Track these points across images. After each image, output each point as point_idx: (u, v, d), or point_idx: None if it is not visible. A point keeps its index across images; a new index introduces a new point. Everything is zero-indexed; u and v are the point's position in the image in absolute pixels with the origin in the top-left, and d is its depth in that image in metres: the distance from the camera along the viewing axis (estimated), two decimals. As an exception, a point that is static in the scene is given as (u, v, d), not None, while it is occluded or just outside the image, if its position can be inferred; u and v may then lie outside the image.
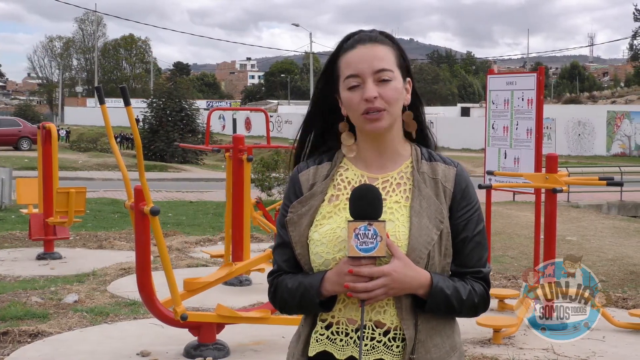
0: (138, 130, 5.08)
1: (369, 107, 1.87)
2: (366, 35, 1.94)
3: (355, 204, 1.82)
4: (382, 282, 1.79)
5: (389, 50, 1.92)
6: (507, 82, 7.78)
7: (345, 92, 1.92)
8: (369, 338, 1.87)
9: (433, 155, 1.99)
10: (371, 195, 1.82)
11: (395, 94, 1.89)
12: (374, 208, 1.81)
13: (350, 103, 1.91)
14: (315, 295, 1.86)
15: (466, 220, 1.93)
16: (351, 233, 1.79)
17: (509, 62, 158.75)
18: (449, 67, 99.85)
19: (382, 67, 1.89)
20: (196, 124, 34.74)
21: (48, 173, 9.05)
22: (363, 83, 1.88)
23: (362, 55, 1.90)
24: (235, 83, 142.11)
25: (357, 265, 1.79)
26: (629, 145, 38.90)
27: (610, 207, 17.07)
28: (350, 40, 1.95)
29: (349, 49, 1.93)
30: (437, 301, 1.85)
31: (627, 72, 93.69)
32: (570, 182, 6.64)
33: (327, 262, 1.88)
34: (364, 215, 1.80)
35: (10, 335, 5.74)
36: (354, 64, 1.90)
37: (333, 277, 1.84)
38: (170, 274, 5.02)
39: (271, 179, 15.38)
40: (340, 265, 1.83)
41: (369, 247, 1.78)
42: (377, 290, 1.80)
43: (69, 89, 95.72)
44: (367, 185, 1.86)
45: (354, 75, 1.89)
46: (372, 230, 1.78)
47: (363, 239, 1.78)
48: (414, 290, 1.84)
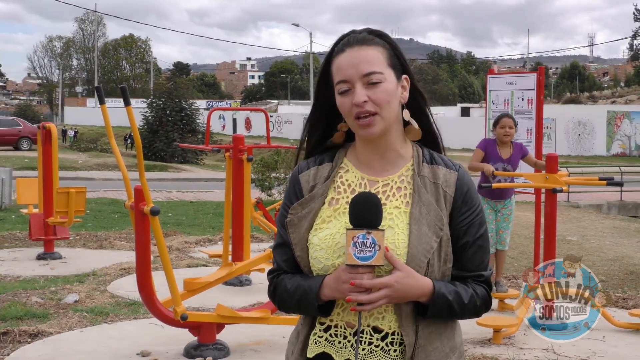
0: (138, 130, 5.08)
1: (359, 111, 1.86)
2: (354, 38, 1.92)
3: (354, 211, 1.81)
4: (384, 293, 1.79)
5: (378, 51, 1.90)
6: (507, 82, 7.79)
7: (338, 97, 1.91)
8: (367, 342, 1.86)
9: (434, 157, 1.97)
10: (371, 203, 1.80)
11: (385, 96, 1.87)
12: (373, 216, 1.80)
13: (343, 108, 1.90)
14: (314, 300, 1.86)
15: (467, 225, 1.91)
16: (349, 241, 1.78)
17: (509, 62, 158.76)
18: (449, 67, 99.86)
19: (369, 70, 1.87)
20: (196, 124, 34.74)
21: (48, 173, 9.05)
22: (352, 88, 1.87)
23: (349, 59, 1.88)
24: (235, 83, 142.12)
25: (354, 274, 1.78)
26: (629, 145, 38.91)
27: (610, 207, 17.06)
28: (340, 43, 1.93)
29: (339, 53, 1.91)
30: (439, 307, 1.85)
31: (627, 72, 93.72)
32: (570, 182, 6.64)
33: (326, 267, 1.87)
34: (362, 223, 1.79)
35: (10, 335, 5.74)
36: (342, 69, 1.89)
37: (331, 283, 1.84)
38: (170, 274, 5.02)
39: (271, 179, 15.38)
40: (339, 272, 1.82)
41: (367, 255, 1.77)
42: (380, 301, 1.80)
43: (69, 89, 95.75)
44: (367, 193, 1.85)
45: (343, 80, 1.89)
46: (371, 239, 1.77)
47: (361, 247, 1.77)
48: (415, 298, 1.84)
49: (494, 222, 7.09)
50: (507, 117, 6.97)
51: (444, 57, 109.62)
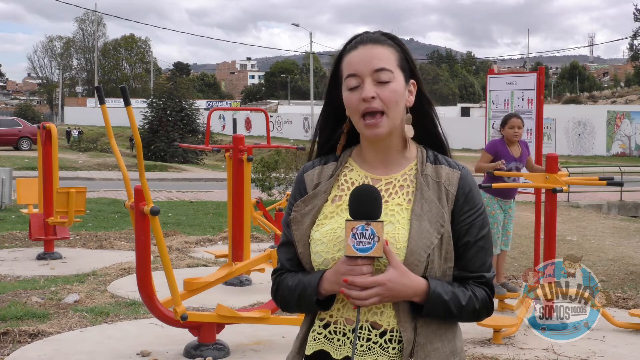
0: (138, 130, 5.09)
1: (367, 107, 1.86)
2: (368, 37, 1.94)
3: (353, 203, 1.81)
4: (376, 291, 1.79)
5: (390, 51, 1.92)
6: (507, 82, 7.78)
7: (345, 92, 1.92)
8: (365, 339, 1.86)
9: (438, 157, 1.98)
10: (370, 195, 1.81)
11: (394, 95, 1.88)
12: (372, 208, 1.80)
13: (350, 104, 1.90)
14: (313, 294, 1.87)
15: (469, 225, 1.91)
16: (349, 232, 1.78)
17: (508, 62, 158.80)
18: (449, 67, 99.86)
19: (380, 66, 1.88)
20: (196, 124, 34.77)
21: (48, 173, 9.05)
22: (362, 83, 1.88)
23: (361, 55, 1.90)
24: (235, 83, 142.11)
25: (354, 265, 1.79)
26: (629, 145, 38.90)
27: (610, 207, 17.06)
28: (353, 41, 1.95)
29: (351, 50, 1.93)
30: (434, 307, 1.84)
31: (627, 72, 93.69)
32: (570, 182, 6.64)
33: (327, 261, 1.88)
34: (362, 214, 1.79)
35: (10, 335, 5.74)
36: (353, 64, 1.90)
37: (331, 276, 1.84)
38: (170, 274, 5.02)
39: (271, 179, 15.37)
40: (338, 265, 1.83)
41: (366, 247, 1.77)
42: (371, 298, 1.80)
43: (69, 89, 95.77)
44: (367, 185, 1.86)
45: (353, 74, 1.89)
46: (370, 230, 1.77)
47: (360, 239, 1.77)
48: (409, 298, 1.83)
49: (503, 222, 7.11)
50: (516, 117, 7.01)
51: (444, 57, 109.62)
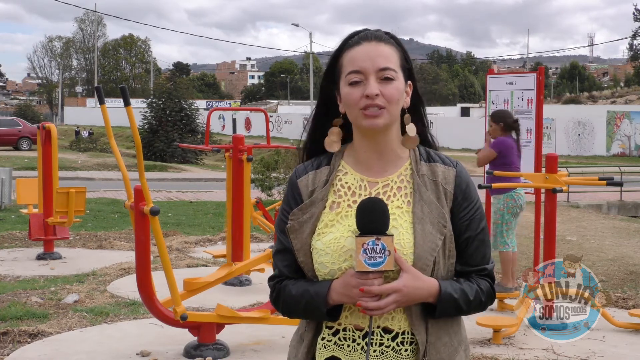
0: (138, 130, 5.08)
1: (369, 103, 1.85)
2: (372, 34, 1.93)
3: (362, 218, 1.80)
4: (394, 298, 1.80)
5: (393, 50, 1.91)
6: (507, 82, 7.78)
7: (345, 87, 1.89)
8: (377, 344, 1.86)
9: (431, 154, 1.97)
10: (378, 209, 1.80)
11: (396, 93, 1.88)
12: (381, 222, 1.79)
13: (350, 99, 1.88)
14: (322, 305, 1.85)
15: (469, 220, 1.92)
16: (359, 248, 1.77)
17: (508, 62, 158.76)
18: (449, 67, 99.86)
19: (386, 65, 1.87)
20: (196, 124, 34.74)
21: (48, 173, 9.05)
22: (365, 80, 1.87)
23: (366, 52, 1.88)
24: (235, 83, 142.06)
25: (365, 279, 1.78)
26: (629, 145, 38.87)
27: (610, 207, 17.06)
28: (355, 37, 1.93)
29: (354, 45, 1.91)
30: (446, 306, 1.85)
31: (627, 72, 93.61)
32: (570, 182, 6.65)
33: (333, 271, 1.87)
34: (371, 229, 1.78)
35: (10, 335, 5.74)
36: (357, 60, 1.88)
37: (339, 288, 1.83)
38: (170, 274, 5.02)
39: (271, 179, 15.37)
40: (347, 277, 1.82)
41: (377, 261, 1.77)
42: (389, 306, 1.80)
43: (69, 89, 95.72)
44: (374, 199, 1.84)
45: (356, 71, 1.87)
46: (381, 245, 1.77)
47: (371, 254, 1.77)
48: (424, 300, 1.85)
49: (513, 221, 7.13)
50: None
51: (443, 57, 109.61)
